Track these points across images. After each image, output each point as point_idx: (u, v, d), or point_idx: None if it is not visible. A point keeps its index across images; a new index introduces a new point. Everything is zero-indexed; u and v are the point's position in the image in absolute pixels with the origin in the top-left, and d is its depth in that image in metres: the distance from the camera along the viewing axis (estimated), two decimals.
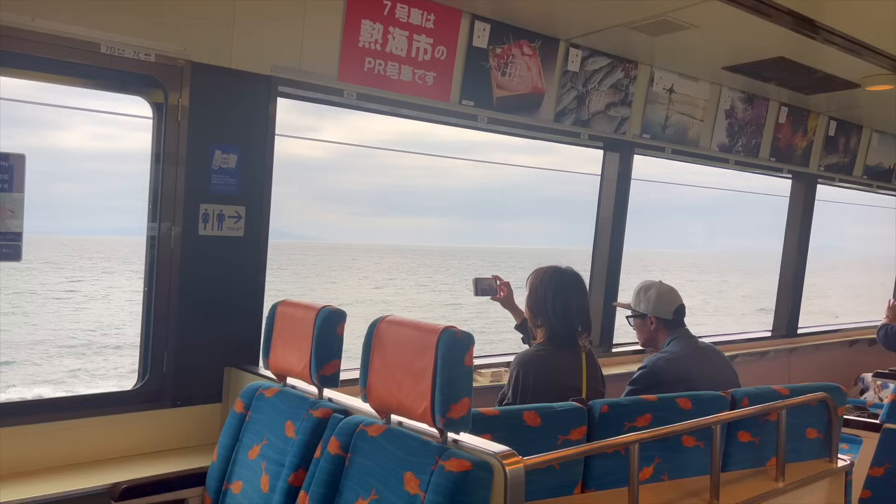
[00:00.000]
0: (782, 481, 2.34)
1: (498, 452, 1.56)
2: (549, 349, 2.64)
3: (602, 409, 2.16)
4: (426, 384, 1.64)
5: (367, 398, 1.83)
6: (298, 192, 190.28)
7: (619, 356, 4.30)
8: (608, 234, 4.16)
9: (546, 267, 2.76)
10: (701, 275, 57.95)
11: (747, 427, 2.38)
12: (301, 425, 2.02)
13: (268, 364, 2.31)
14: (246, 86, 2.62)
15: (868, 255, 70.65)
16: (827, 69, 3.98)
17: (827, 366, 5.61)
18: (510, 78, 3.38)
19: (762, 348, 5.19)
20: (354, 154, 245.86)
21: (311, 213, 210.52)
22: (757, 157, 4.77)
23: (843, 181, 5.62)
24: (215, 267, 2.62)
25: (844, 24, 3.32)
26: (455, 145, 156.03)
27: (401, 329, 1.77)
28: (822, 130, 5.17)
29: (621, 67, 3.81)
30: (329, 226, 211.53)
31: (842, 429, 2.95)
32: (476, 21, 3.18)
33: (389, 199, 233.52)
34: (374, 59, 2.89)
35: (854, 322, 6.48)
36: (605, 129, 3.87)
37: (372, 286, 42.28)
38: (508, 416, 2.04)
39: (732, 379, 2.85)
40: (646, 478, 2.19)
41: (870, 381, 4.95)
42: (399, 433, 1.74)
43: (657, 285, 3.00)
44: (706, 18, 3.19)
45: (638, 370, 2.87)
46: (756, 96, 4.58)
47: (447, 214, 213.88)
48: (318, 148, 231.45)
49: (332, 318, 2.09)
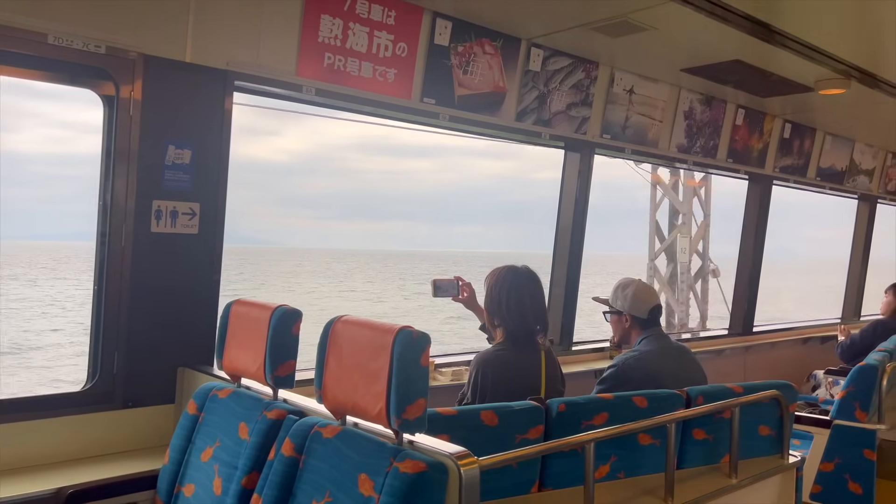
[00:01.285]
0: (735, 478, 2.38)
1: (453, 453, 1.55)
2: (507, 349, 2.64)
3: (559, 408, 2.17)
4: (382, 385, 1.62)
5: (322, 399, 1.80)
6: (259, 196, 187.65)
7: (580, 354, 4.33)
8: (569, 233, 4.19)
9: (501, 267, 2.76)
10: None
11: (702, 425, 2.41)
12: (255, 427, 1.98)
13: (222, 364, 2.26)
14: (201, 80, 2.56)
15: (820, 258, 72.74)
16: (782, 73, 4.06)
17: (781, 363, 5.74)
18: (472, 76, 3.37)
19: (719, 346, 5.28)
20: (317, 158, 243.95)
21: (273, 218, 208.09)
22: (715, 159, 4.85)
23: (798, 182, 5.76)
24: (168, 265, 2.56)
25: (799, 29, 3.39)
26: (418, 149, 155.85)
27: (357, 329, 1.74)
28: (777, 133, 5.28)
29: (582, 68, 3.83)
30: (291, 230, 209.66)
31: (793, 425, 3.01)
32: (438, 18, 3.17)
33: (352, 204, 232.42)
34: (333, 55, 2.86)
35: (807, 321, 6.65)
36: (566, 129, 3.89)
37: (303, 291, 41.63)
38: (466, 415, 2.03)
39: (700, 378, 2.89)
40: (602, 476, 2.21)
41: (822, 377, 5.08)
42: (354, 434, 1.72)
43: (635, 284, 3.02)
44: (665, 21, 3.22)
45: (608, 368, 2.89)
46: (714, 98, 4.65)
47: (410, 218, 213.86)
48: (279, 151, 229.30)
49: (288, 318, 2.05)
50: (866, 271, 6.97)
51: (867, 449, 3.35)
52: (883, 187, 6.73)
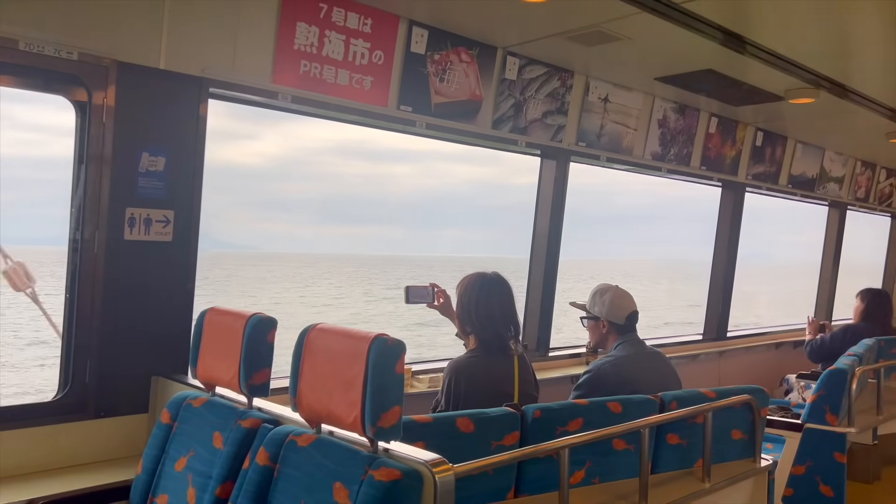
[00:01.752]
0: (708, 482, 2.41)
1: (428, 460, 1.56)
2: (480, 356, 2.65)
3: (535, 415, 2.18)
4: (357, 393, 1.62)
5: (297, 408, 1.80)
6: (235, 200, 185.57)
7: (556, 360, 4.35)
8: (545, 239, 4.21)
9: (471, 274, 2.77)
10: (628, 282, 59.20)
11: (675, 430, 2.44)
12: (229, 436, 1.97)
13: (196, 373, 2.24)
14: (175, 87, 2.55)
15: (794, 261, 73.69)
16: (753, 82, 4.13)
17: (754, 367, 5.82)
18: (448, 84, 3.39)
19: (694, 351, 5.34)
20: (293, 162, 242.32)
21: (249, 222, 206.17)
22: (688, 166, 4.91)
23: (770, 190, 5.85)
24: (142, 273, 2.54)
25: (770, 40, 3.46)
26: (395, 154, 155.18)
27: (331, 337, 1.74)
28: (749, 141, 5.36)
29: (558, 76, 3.87)
30: (268, 235, 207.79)
31: (766, 429, 3.06)
32: (414, 27, 3.18)
33: (330, 208, 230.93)
34: (309, 62, 2.86)
35: (779, 325, 6.74)
36: (542, 136, 3.92)
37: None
38: (441, 422, 2.04)
39: (674, 383, 2.92)
40: (577, 481, 2.22)
41: (794, 381, 5.15)
42: (329, 443, 1.72)
43: (613, 290, 3.04)
44: (639, 30, 3.27)
45: (584, 374, 2.91)
46: (687, 107, 4.72)
47: (388, 223, 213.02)
48: (255, 155, 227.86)
49: (263, 326, 2.04)
50: (837, 276, 7.09)
51: (838, 452, 3.41)
52: (852, 194, 6.87)
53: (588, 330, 3.11)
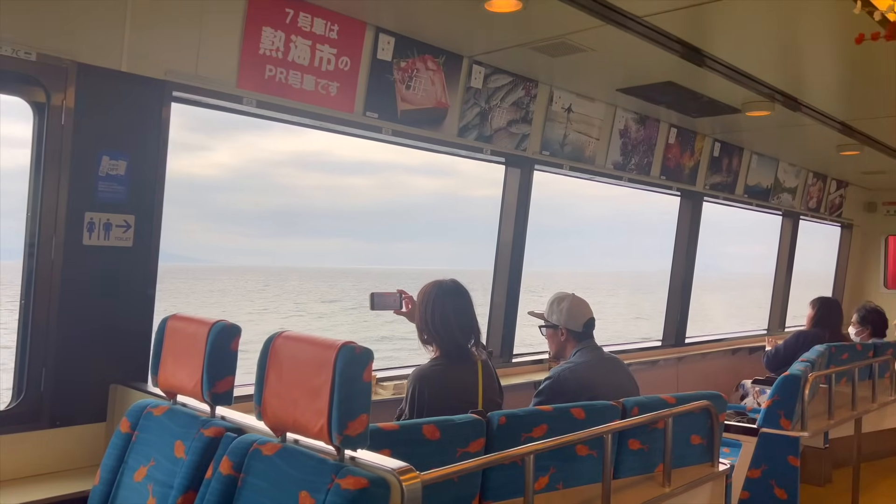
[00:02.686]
0: (668, 486, 2.45)
1: (395, 468, 1.55)
2: (443, 364, 2.65)
3: (500, 421, 2.19)
4: (323, 401, 1.61)
5: (262, 416, 1.78)
6: (189, 212, 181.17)
7: (520, 366, 4.39)
8: (509, 246, 4.25)
9: (429, 283, 2.76)
10: (587, 293, 59.82)
11: (637, 435, 2.47)
12: (191, 445, 1.94)
13: (157, 381, 2.20)
14: (137, 90, 2.51)
15: (745, 273, 75.29)
16: (711, 94, 4.24)
17: (711, 373, 5.94)
18: (414, 92, 3.40)
19: (653, 357, 5.43)
20: (249, 174, 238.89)
21: (203, 235, 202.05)
22: (649, 176, 5.01)
23: (727, 199, 5.99)
24: (101, 279, 2.49)
25: (727, 54, 3.55)
26: (354, 166, 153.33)
27: (298, 345, 1.73)
28: (707, 151, 5.49)
29: (522, 86, 3.91)
30: (224, 248, 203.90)
31: (723, 434, 3.12)
32: (381, 34, 3.19)
33: (288, 220, 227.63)
34: (275, 67, 2.84)
35: (735, 332, 6.90)
36: (507, 145, 3.96)
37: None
38: (408, 430, 2.03)
39: (632, 388, 2.96)
40: (542, 487, 2.24)
41: (749, 387, 5.26)
42: (295, 451, 1.70)
43: (570, 298, 3.07)
44: (602, 42, 3.33)
45: (544, 380, 2.93)
46: (648, 117, 4.81)
47: (348, 235, 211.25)
48: (209, 166, 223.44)
49: (226, 333, 2.02)
50: (790, 284, 7.29)
51: (791, 455, 3.50)
52: (805, 205, 7.08)
53: (547, 338, 3.15)
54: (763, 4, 2.92)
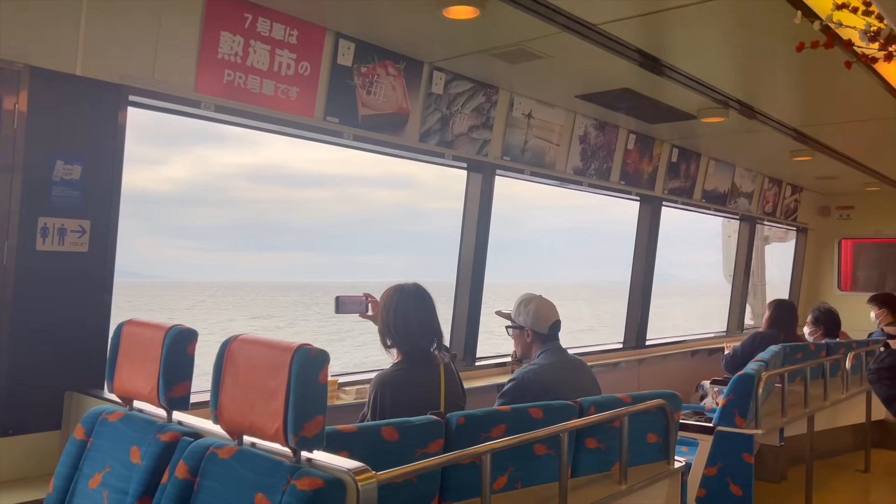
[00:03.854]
0: (625, 484, 2.50)
1: (351, 469, 1.57)
2: (405, 368, 2.66)
3: (459, 422, 2.21)
4: (279, 403, 1.62)
5: (218, 420, 1.78)
6: (142, 227, 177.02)
7: (483, 369, 4.42)
8: (472, 250, 4.29)
9: (390, 287, 2.77)
10: None
11: (594, 434, 2.52)
12: (147, 450, 1.93)
13: (112, 387, 2.18)
14: (93, 94, 2.48)
15: (697, 281, 76.27)
16: (668, 101, 4.33)
17: (672, 374, 6.05)
18: (375, 97, 3.42)
19: (615, 359, 5.51)
20: (204, 187, 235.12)
21: (157, 249, 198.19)
22: (608, 181, 5.09)
23: (685, 204, 6.12)
24: (56, 285, 2.45)
25: (683, 62, 3.64)
26: (312, 179, 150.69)
27: (254, 347, 1.73)
28: (665, 157, 5.61)
29: (483, 92, 3.96)
30: (178, 263, 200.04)
31: (680, 433, 3.19)
32: (341, 39, 3.20)
33: (244, 235, 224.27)
34: (234, 72, 2.84)
35: (694, 334, 7.04)
36: (468, 150, 4.00)
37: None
38: (366, 432, 2.04)
39: (595, 390, 3.00)
40: (500, 487, 2.27)
41: (708, 387, 5.36)
42: (251, 454, 1.70)
43: (537, 300, 3.10)
44: (560, 49, 3.38)
45: (508, 382, 2.96)
46: (607, 123, 4.90)
47: (306, 249, 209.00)
48: (162, 180, 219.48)
49: (182, 338, 2.01)
50: (748, 286, 7.46)
51: (746, 453, 3.58)
52: (761, 209, 7.25)
53: (513, 339, 3.18)
54: (716, 15, 3.00)
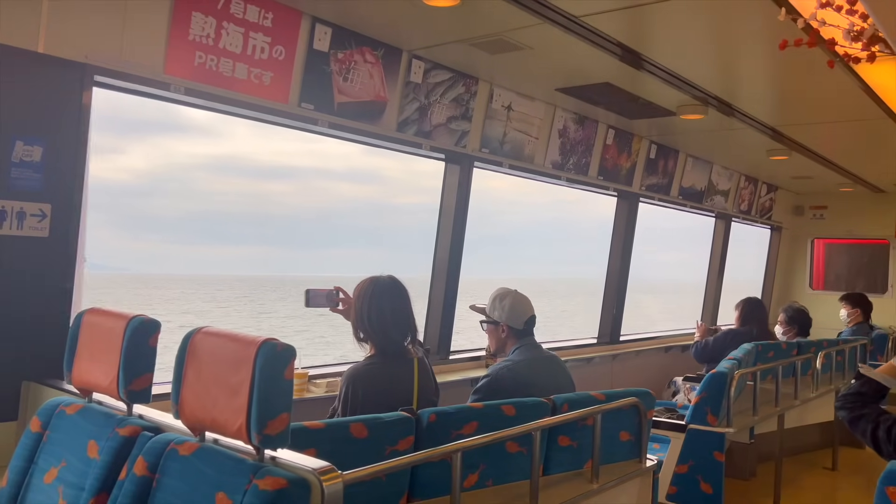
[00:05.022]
0: (596, 483, 2.47)
1: (316, 468, 1.51)
2: (378, 362, 2.61)
3: (430, 419, 2.17)
4: (243, 399, 1.56)
5: (180, 415, 1.71)
6: (99, 218, 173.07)
7: (457, 363, 4.39)
8: (448, 243, 4.24)
9: (365, 279, 2.71)
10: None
11: (566, 432, 2.49)
12: (105, 445, 1.85)
13: (71, 378, 2.10)
14: (55, 73, 2.39)
15: (667, 279, 77.02)
16: (648, 97, 4.31)
17: (645, 370, 6.07)
18: (352, 84, 3.35)
19: (589, 354, 5.51)
20: (164, 178, 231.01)
21: (116, 241, 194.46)
22: (586, 176, 5.07)
23: (662, 200, 6.13)
24: (13, 271, 2.36)
25: (664, 58, 3.62)
26: (275, 171, 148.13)
27: (217, 341, 1.67)
28: (644, 153, 5.60)
29: (462, 82, 3.90)
30: (138, 255, 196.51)
31: (652, 430, 3.18)
32: (317, 24, 3.12)
33: (205, 227, 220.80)
34: (205, 54, 2.75)
35: (668, 330, 7.07)
36: (446, 141, 3.94)
37: None
38: (334, 428, 1.99)
39: (568, 386, 2.98)
40: (471, 484, 2.23)
41: (681, 384, 5.39)
42: (212, 451, 1.64)
43: (512, 294, 3.06)
44: (541, 41, 3.34)
45: (482, 378, 2.92)
46: (586, 118, 4.87)
47: (268, 242, 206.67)
48: (121, 170, 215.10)
49: (145, 329, 1.94)
50: (722, 283, 7.51)
51: (717, 451, 3.60)
52: (737, 207, 7.30)
53: (487, 334, 3.14)
54: (698, 10, 2.97)
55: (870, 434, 2.00)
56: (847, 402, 2.12)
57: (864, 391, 2.10)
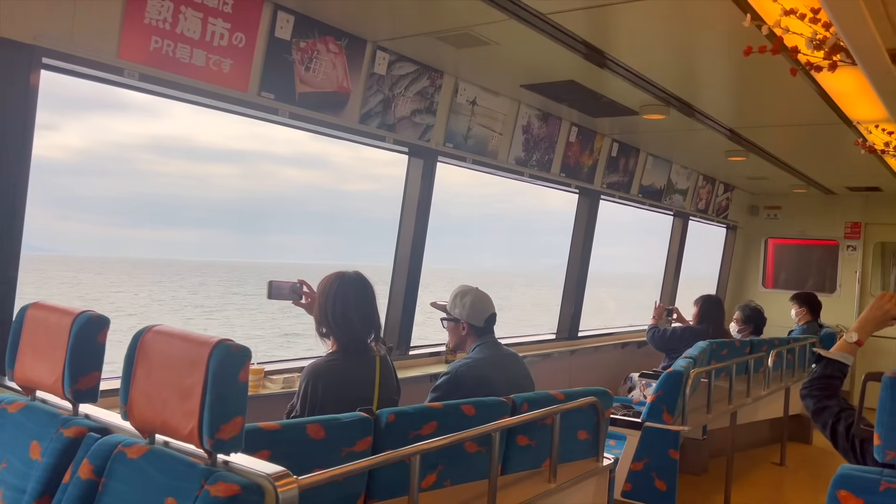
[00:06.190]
0: (554, 482, 2.48)
1: (270, 473, 1.47)
2: (339, 358, 2.57)
3: (388, 419, 2.14)
4: (195, 402, 1.50)
5: (129, 416, 1.65)
6: (32, 197, 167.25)
7: (417, 359, 4.36)
8: (410, 238, 4.20)
9: (330, 274, 2.66)
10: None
11: (525, 431, 2.49)
12: (49, 446, 1.78)
13: (13, 375, 2.01)
14: (2, 54, 2.27)
15: (608, 272, 78.00)
16: (611, 96, 4.33)
17: (602, 366, 6.14)
18: (314, 74, 3.27)
19: (547, 350, 5.54)
20: (102, 157, 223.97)
21: (49, 221, 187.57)
22: (549, 172, 5.08)
23: (622, 198, 6.18)
24: None
25: (628, 58, 3.63)
26: (220, 153, 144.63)
27: (169, 340, 1.61)
28: (605, 151, 5.63)
29: (427, 76, 3.86)
30: (70, 236, 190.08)
31: (610, 427, 3.20)
32: (279, 11, 3.04)
33: (146, 209, 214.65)
34: (161, 39, 2.65)
35: (625, 326, 7.16)
36: (410, 135, 3.90)
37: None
38: (290, 429, 1.94)
39: (528, 384, 2.98)
40: (429, 485, 2.21)
41: (637, 380, 5.47)
42: (163, 455, 1.58)
43: (473, 292, 3.04)
44: (506, 37, 3.31)
45: (442, 375, 2.90)
46: (550, 115, 4.87)
47: (212, 226, 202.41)
48: (55, 147, 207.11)
49: (92, 325, 1.86)
50: (678, 280, 7.63)
51: (672, 449, 3.65)
52: (694, 206, 7.41)
53: (448, 331, 3.12)
54: (663, 12, 2.98)
55: (830, 427, 2.03)
56: (814, 388, 2.11)
57: (828, 373, 2.11)
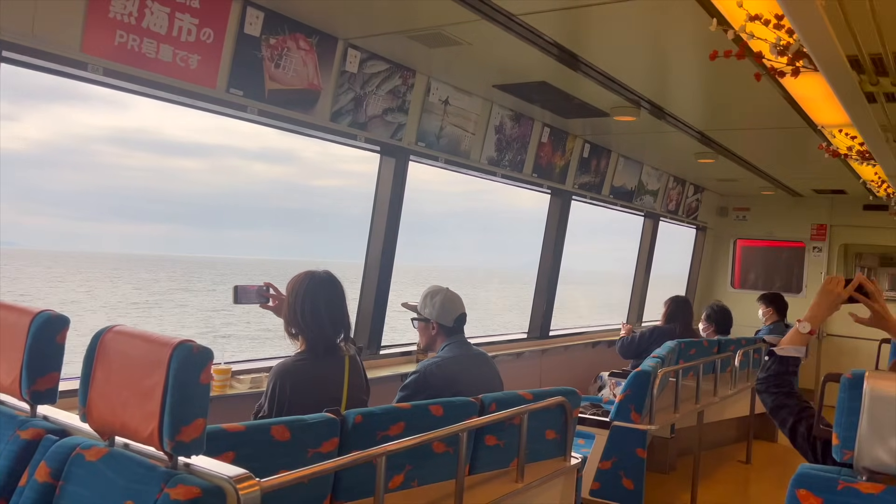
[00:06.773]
0: (521, 481, 2.49)
1: (232, 476, 1.45)
2: (308, 358, 2.55)
3: (356, 420, 2.13)
4: (155, 404, 1.48)
5: (87, 418, 1.62)
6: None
7: (387, 358, 4.35)
8: (381, 237, 4.19)
9: (300, 273, 2.64)
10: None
11: (493, 431, 2.49)
12: (4, 448, 1.74)
13: None
14: None
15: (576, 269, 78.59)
16: (583, 97, 4.36)
17: (573, 365, 6.18)
18: (284, 71, 3.24)
19: (518, 349, 5.56)
20: (63, 149, 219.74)
21: (8, 215, 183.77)
22: (521, 172, 5.09)
23: (594, 199, 6.22)
24: None
25: (599, 60, 3.65)
26: (185, 147, 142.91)
27: (130, 341, 1.58)
28: (577, 152, 5.67)
29: (399, 74, 3.84)
30: (29, 229, 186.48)
31: (578, 426, 3.22)
32: (248, 7, 3.01)
33: (109, 203, 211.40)
34: (126, 33, 2.60)
35: (596, 325, 7.22)
36: (382, 133, 3.88)
37: None
38: (254, 431, 1.92)
39: (497, 384, 2.99)
40: (396, 486, 2.20)
41: (606, 379, 5.51)
42: (122, 457, 1.56)
43: (443, 292, 3.04)
44: (478, 37, 3.31)
45: (411, 374, 2.90)
46: (523, 115, 4.88)
47: (176, 221, 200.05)
48: (13, 138, 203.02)
49: (51, 325, 1.82)
50: (648, 280, 7.71)
51: (640, 448, 3.68)
52: (665, 207, 7.49)
53: (418, 331, 3.13)
54: (634, 16, 3.00)
55: (790, 426, 2.02)
56: (770, 384, 2.09)
57: (783, 369, 2.11)
